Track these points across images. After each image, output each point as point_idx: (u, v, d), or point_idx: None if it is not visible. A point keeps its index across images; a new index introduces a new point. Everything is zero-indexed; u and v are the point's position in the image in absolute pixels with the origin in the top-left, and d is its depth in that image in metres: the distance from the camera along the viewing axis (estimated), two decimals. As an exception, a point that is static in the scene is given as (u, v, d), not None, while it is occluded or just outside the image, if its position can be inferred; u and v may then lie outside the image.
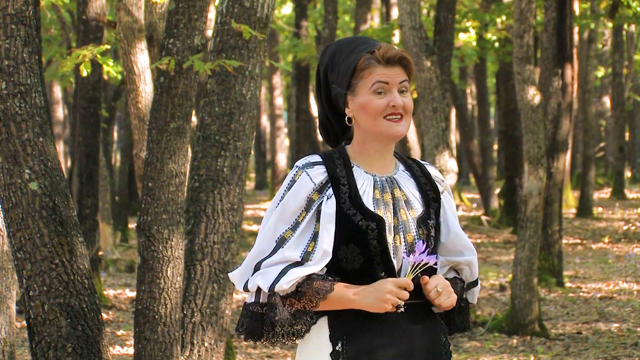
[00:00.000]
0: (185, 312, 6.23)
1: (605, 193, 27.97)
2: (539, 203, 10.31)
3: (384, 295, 3.21)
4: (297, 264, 3.27)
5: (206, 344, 6.27)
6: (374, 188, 3.34)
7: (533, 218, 10.30)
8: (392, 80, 3.33)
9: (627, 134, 31.67)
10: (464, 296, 3.47)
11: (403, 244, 3.29)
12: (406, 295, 3.22)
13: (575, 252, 17.17)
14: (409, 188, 3.38)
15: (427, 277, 3.28)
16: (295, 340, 3.35)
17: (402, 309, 3.23)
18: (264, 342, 3.36)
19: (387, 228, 3.28)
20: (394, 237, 3.29)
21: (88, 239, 12.07)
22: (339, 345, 3.28)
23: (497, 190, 22.96)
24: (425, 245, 3.27)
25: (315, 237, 3.29)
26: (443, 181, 3.47)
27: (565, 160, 13.01)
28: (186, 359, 6.23)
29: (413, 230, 3.31)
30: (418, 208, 3.35)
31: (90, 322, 5.11)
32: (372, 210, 3.29)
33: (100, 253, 13.80)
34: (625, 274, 14.57)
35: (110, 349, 9.15)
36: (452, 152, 10.90)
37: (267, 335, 3.32)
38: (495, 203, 22.13)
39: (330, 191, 3.31)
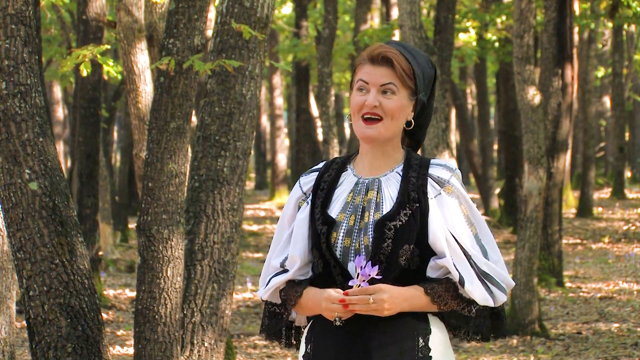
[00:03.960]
0: (185, 312, 6.23)
1: (605, 193, 27.96)
2: (539, 203, 10.31)
3: (321, 310, 3.27)
4: (282, 272, 3.39)
5: (206, 344, 6.27)
6: (351, 191, 3.35)
7: (533, 218, 10.30)
8: (373, 80, 3.31)
9: (627, 134, 31.66)
10: (471, 299, 3.34)
11: (362, 246, 3.28)
12: (339, 308, 3.22)
13: (575, 252, 17.16)
14: (390, 189, 3.34)
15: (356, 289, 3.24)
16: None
17: (339, 323, 3.25)
18: (290, 347, 3.49)
19: (343, 231, 3.29)
20: (353, 241, 3.29)
21: (88, 239, 12.07)
22: (309, 347, 3.36)
23: (497, 190, 22.96)
24: (362, 259, 3.23)
25: None
26: (448, 182, 3.36)
27: (565, 160, 13.01)
28: (186, 359, 6.23)
29: (370, 233, 3.28)
30: (386, 209, 3.30)
31: (90, 322, 5.11)
32: (336, 213, 3.32)
33: (100, 253, 13.80)
34: (625, 274, 14.57)
35: (110, 349, 9.15)
36: (452, 152, 10.90)
37: (283, 338, 3.47)
38: (495, 203, 22.13)
39: (310, 198, 3.38)
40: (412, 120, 3.37)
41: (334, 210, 3.33)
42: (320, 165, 3.44)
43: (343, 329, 3.28)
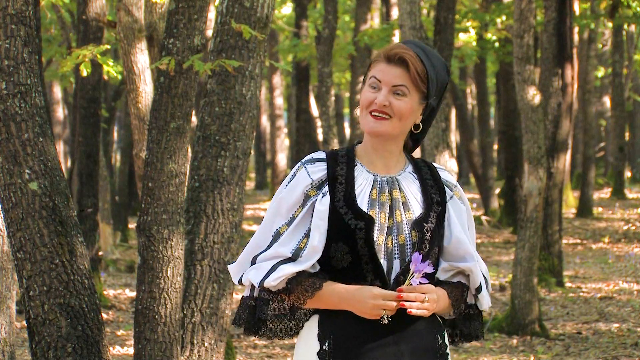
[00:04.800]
0: (185, 312, 6.23)
1: (605, 193, 27.97)
2: (539, 203, 10.31)
3: (365, 307, 3.22)
4: (288, 260, 3.28)
5: (206, 344, 6.28)
6: (372, 188, 3.32)
7: (533, 218, 10.30)
8: (385, 79, 3.29)
9: (627, 134, 31.65)
10: (472, 302, 3.42)
11: (395, 245, 3.27)
12: (391, 305, 3.20)
13: (575, 252, 17.17)
14: (411, 190, 3.35)
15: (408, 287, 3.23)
16: (291, 336, 3.37)
17: (387, 321, 3.22)
18: (262, 336, 3.37)
19: (377, 228, 3.26)
20: (386, 238, 3.27)
21: (88, 239, 12.06)
22: (326, 344, 3.29)
23: (497, 190, 22.97)
24: (420, 255, 3.22)
25: (308, 233, 3.29)
26: (455, 186, 3.40)
27: (565, 160, 13.01)
28: (186, 359, 6.23)
29: (406, 232, 3.28)
30: (416, 210, 3.31)
31: (90, 322, 5.11)
32: (365, 209, 3.27)
33: (100, 253, 13.80)
34: (625, 274, 14.57)
35: (110, 349, 9.15)
36: (452, 152, 10.90)
37: (264, 330, 3.35)
38: (495, 203, 22.13)
39: (326, 189, 3.30)
40: (420, 124, 3.37)
41: (362, 207, 3.29)
42: (322, 155, 3.37)
43: (372, 326, 3.25)
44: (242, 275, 3.35)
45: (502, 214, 20.99)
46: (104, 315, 11.17)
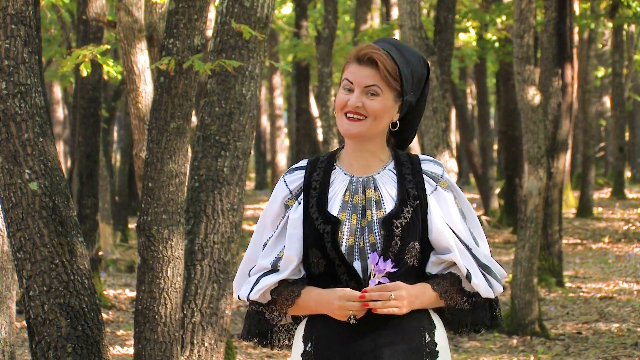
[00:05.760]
0: (185, 312, 6.23)
1: (605, 193, 27.97)
2: (539, 203, 10.31)
3: (333, 309, 3.25)
4: (270, 271, 3.34)
5: (206, 344, 6.28)
6: (346, 190, 3.34)
7: (533, 218, 10.30)
8: (357, 80, 3.30)
9: (627, 134, 31.66)
10: (474, 291, 3.39)
11: (367, 245, 3.28)
12: (355, 306, 3.22)
13: (575, 252, 17.16)
14: (387, 187, 3.34)
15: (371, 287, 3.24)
16: (289, 343, 3.45)
17: (353, 321, 3.24)
18: (273, 347, 3.47)
19: (347, 230, 3.28)
20: (357, 239, 3.28)
21: (88, 239, 12.06)
22: (309, 345, 3.34)
23: (497, 190, 22.96)
24: (377, 255, 3.23)
25: None
26: (441, 176, 3.37)
27: (565, 160, 13.01)
28: (186, 359, 6.23)
29: (376, 231, 3.29)
30: (389, 207, 3.31)
31: (90, 322, 5.11)
32: (336, 212, 3.30)
33: (100, 253, 13.79)
34: (625, 274, 14.57)
35: (110, 349, 9.14)
36: (452, 152, 10.90)
37: (273, 341, 3.44)
38: (495, 203, 22.12)
39: (302, 196, 3.34)
40: (398, 122, 3.36)
41: (333, 210, 3.32)
42: (304, 163, 3.41)
43: (350, 327, 3.27)
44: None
45: (502, 214, 20.99)
46: (104, 315, 11.17)
